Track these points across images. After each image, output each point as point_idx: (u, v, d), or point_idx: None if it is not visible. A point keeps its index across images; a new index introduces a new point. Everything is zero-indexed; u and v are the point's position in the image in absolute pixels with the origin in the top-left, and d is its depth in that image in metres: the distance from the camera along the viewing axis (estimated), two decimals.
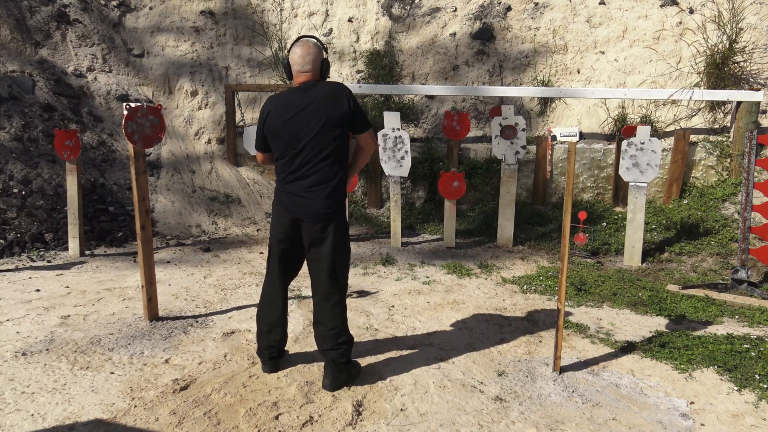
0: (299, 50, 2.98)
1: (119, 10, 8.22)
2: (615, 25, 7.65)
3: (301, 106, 2.94)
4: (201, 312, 4.32)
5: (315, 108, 2.93)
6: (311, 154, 2.96)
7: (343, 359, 3.11)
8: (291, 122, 2.96)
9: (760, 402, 3.17)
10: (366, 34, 8.33)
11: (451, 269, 5.45)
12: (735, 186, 6.35)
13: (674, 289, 4.90)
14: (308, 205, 2.98)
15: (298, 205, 3.00)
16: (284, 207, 3.06)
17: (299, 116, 2.94)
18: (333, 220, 3.01)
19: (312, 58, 2.98)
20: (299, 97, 2.97)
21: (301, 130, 2.94)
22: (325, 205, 2.98)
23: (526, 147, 6.18)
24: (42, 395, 3.06)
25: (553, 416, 2.99)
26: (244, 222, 6.99)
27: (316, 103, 2.94)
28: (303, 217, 3.00)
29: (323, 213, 2.98)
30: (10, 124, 6.34)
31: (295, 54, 2.98)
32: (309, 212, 2.99)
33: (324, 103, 2.93)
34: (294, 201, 3.01)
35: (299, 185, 2.99)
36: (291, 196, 3.01)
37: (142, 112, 3.90)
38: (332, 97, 2.95)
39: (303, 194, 2.99)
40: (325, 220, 3.00)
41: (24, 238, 5.67)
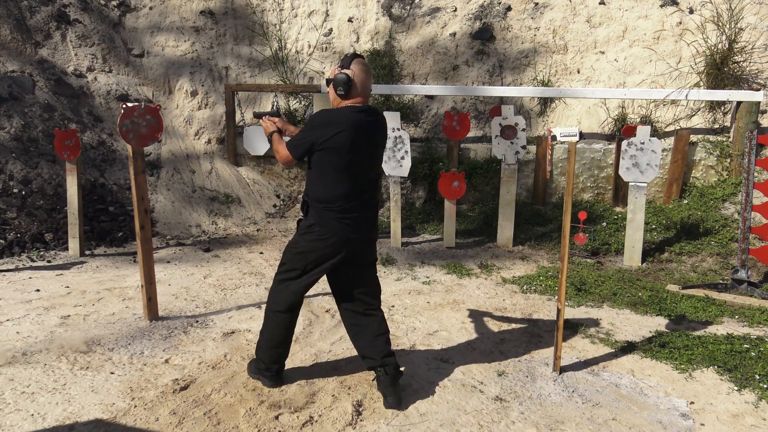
0: (366, 70, 2.96)
1: (119, 10, 8.22)
2: (615, 25, 7.65)
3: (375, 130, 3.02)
4: (201, 312, 4.32)
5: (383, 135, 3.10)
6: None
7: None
8: (369, 145, 2.98)
9: (760, 402, 3.17)
10: (366, 34, 8.33)
11: (451, 269, 5.45)
12: (735, 186, 6.35)
13: (674, 289, 4.90)
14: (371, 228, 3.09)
15: (362, 228, 3.03)
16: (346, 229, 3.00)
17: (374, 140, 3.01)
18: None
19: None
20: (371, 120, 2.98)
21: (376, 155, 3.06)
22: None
23: (526, 147, 6.18)
24: (42, 395, 3.06)
25: (553, 416, 2.99)
26: (244, 222, 6.99)
27: (383, 130, 3.08)
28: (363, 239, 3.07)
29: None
30: (10, 124, 6.34)
31: (364, 74, 2.94)
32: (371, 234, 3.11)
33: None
34: (358, 225, 3.01)
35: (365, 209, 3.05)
36: (356, 219, 3.00)
37: (138, 111, 3.90)
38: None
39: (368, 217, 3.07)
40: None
41: (24, 238, 5.67)
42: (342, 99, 2.94)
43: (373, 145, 3.00)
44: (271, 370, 3.17)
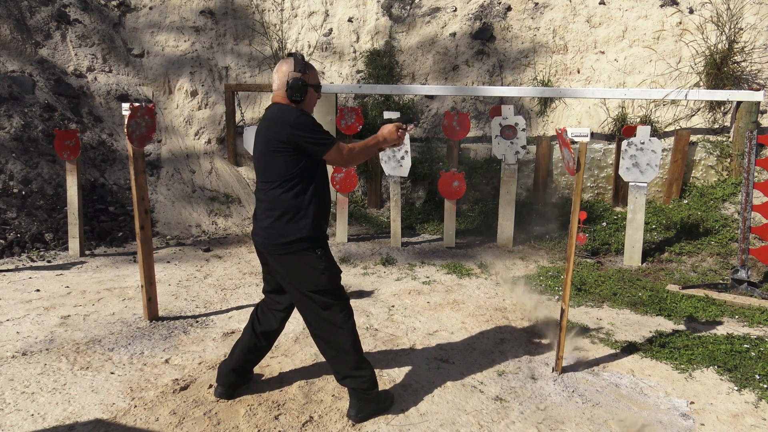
0: (277, 67, 2.81)
1: (119, 10, 8.22)
2: (615, 25, 7.65)
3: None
4: (201, 312, 4.32)
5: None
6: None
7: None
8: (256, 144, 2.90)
9: (760, 402, 3.17)
10: (366, 34, 8.33)
11: (451, 269, 5.45)
12: (735, 186, 6.35)
13: (674, 289, 4.90)
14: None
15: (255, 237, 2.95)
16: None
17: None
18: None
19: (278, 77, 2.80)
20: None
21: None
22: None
23: (526, 147, 6.18)
24: (42, 395, 3.06)
25: (553, 416, 2.99)
26: (244, 222, 6.99)
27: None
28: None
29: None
30: (10, 124, 6.34)
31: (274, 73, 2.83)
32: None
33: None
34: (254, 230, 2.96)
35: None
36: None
37: (141, 111, 3.92)
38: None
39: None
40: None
41: (24, 238, 5.67)
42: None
43: (258, 145, 2.80)
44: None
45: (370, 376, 2.89)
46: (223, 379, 3.06)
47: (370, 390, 2.89)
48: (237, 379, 3.07)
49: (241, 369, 3.05)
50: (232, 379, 3.06)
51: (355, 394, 2.89)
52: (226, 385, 3.06)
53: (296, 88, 2.73)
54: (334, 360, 2.87)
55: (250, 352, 3.04)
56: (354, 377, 2.86)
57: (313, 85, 2.82)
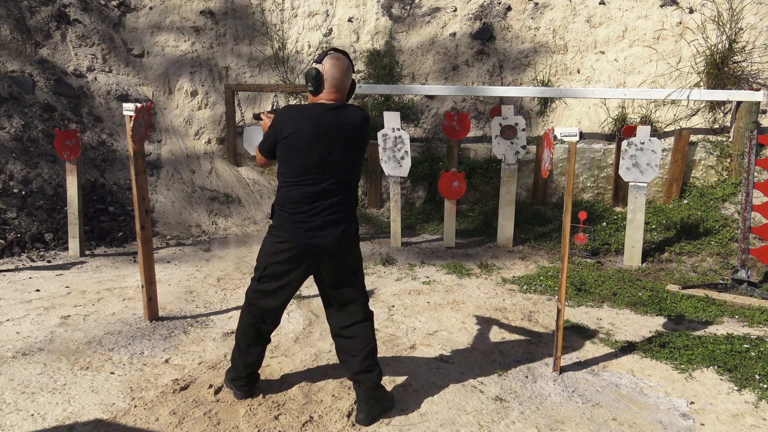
0: (340, 65, 2.72)
1: (119, 10, 8.22)
2: (615, 25, 7.65)
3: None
4: (201, 312, 4.32)
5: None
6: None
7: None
8: (333, 144, 2.72)
9: (760, 402, 3.17)
10: (366, 34, 8.33)
11: (451, 269, 5.45)
12: (735, 186, 6.35)
13: (674, 289, 4.90)
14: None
15: (327, 234, 2.81)
16: (304, 235, 2.88)
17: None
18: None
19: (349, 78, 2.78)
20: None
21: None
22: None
23: (526, 147, 6.18)
24: (42, 395, 3.06)
25: (553, 416, 2.99)
26: (244, 222, 6.99)
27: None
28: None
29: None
30: (10, 124, 6.34)
31: (336, 69, 2.70)
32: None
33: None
34: (322, 230, 2.80)
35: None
36: (321, 224, 2.81)
37: (143, 111, 3.92)
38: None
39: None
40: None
41: (24, 238, 5.67)
42: (312, 95, 2.74)
43: (336, 145, 2.70)
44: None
45: (381, 372, 2.96)
46: (241, 381, 3.06)
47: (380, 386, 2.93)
48: (254, 377, 3.11)
49: (257, 366, 3.08)
50: (251, 379, 3.10)
51: (367, 393, 2.86)
52: (250, 383, 3.09)
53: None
54: (373, 346, 2.91)
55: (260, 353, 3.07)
56: (377, 368, 2.91)
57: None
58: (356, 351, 2.87)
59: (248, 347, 2.99)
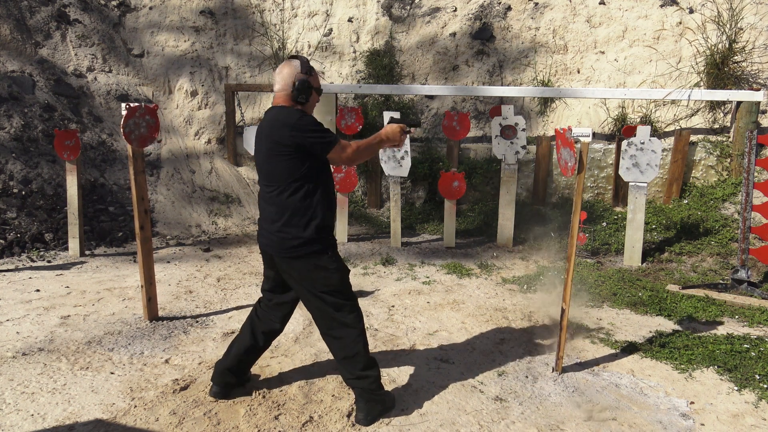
0: (279, 68, 2.81)
1: (119, 10, 8.22)
2: (615, 25, 7.65)
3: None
4: (201, 312, 4.32)
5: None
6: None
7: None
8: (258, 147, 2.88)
9: (760, 402, 3.17)
10: (366, 34, 8.33)
11: (451, 269, 5.45)
12: (735, 186, 6.35)
13: (674, 289, 4.90)
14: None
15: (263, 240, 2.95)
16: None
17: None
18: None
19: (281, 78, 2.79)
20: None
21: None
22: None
23: (526, 147, 6.17)
24: (42, 395, 3.06)
25: (553, 416, 2.99)
26: (244, 222, 6.99)
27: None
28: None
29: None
30: (10, 124, 6.34)
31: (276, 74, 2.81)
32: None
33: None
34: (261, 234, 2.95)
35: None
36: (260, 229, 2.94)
37: (140, 111, 3.91)
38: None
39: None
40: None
41: (24, 238, 5.67)
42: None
43: (259, 146, 2.80)
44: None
45: (378, 377, 2.91)
46: (218, 378, 3.05)
47: (377, 390, 2.91)
48: (232, 379, 3.05)
49: (235, 369, 3.03)
50: (227, 379, 3.04)
51: (363, 396, 2.88)
52: (221, 384, 3.04)
53: (302, 90, 2.74)
54: (345, 361, 2.86)
55: (247, 352, 3.03)
56: (364, 378, 2.86)
57: (316, 88, 2.84)
58: (336, 356, 2.91)
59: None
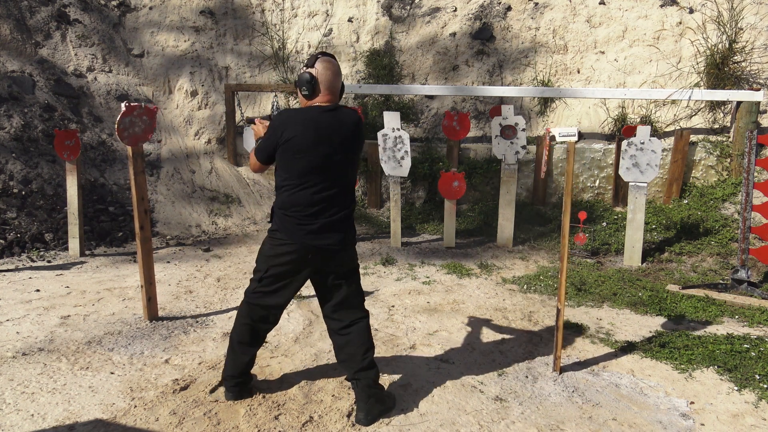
0: (332, 68, 2.77)
1: (119, 10, 8.22)
2: (615, 25, 7.65)
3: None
4: (201, 312, 4.32)
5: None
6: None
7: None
8: (331, 146, 2.76)
9: (760, 402, 3.17)
10: (366, 34, 8.33)
11: (451, 269, 5.45)
12: (735, 186, 6.35)
13: (674, 289, 4.90)
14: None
15: (328, 235, 2.85)
16: (308, 236, 2.86)
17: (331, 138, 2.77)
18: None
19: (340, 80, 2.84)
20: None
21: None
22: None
23: (526, 147, 6.18)
24: (42, 395, 3.06)
25: (553, 416, 2.99)
26: (244, 222, 6.99)
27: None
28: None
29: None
30: (10, 124, 6.34)
31: (329, 71, 2.76)
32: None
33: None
34: (324, 231, 2.83)
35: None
36: (321, 226, 2.83)
37: (138, 111, 3.91)
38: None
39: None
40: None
41: (24, 238, 5.67)
42: (307, 99, 2.78)
43: (336, 146, 2.74)
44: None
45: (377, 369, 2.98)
46: (231, 381, 3.04)
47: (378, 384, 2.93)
48: (247, 378, 3.10)
49: (245, 370, 3.06)
50: (246, 378, 3.09)
51: (366, 391, 2.87)
52: (239, 384, 3.06)
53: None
54: (371, 343, 2.94)
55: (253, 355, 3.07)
56: (375, 366, 2.92)
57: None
58: (356, 349, 2.89)
59: (242, 347, 2.98)
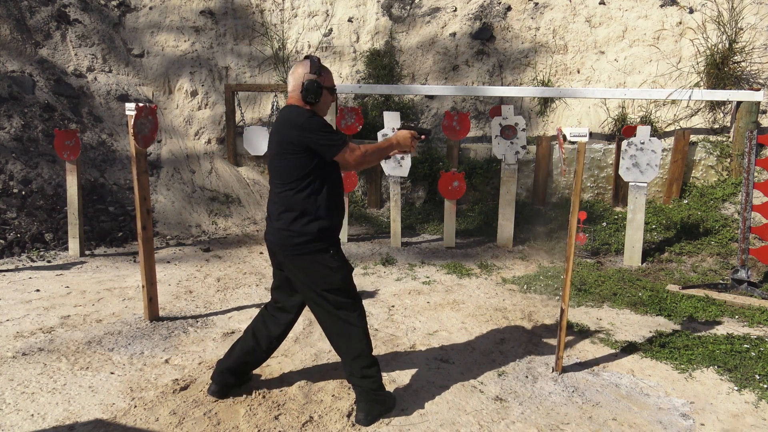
0: (292, 70, 2.85)
1: (119, 10, 8.22)
2: (615, 25, 7.64)
3: None
4: (201, 312, 4.32)
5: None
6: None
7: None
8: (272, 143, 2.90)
9: (760, 402, 3.17)
10: (366, 34, 8.33)
11: (451, 269, 5.45)
12: (735, 186, 6.35)
13: (674, 289, 4.90)
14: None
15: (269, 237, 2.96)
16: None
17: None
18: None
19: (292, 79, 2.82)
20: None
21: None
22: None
23: (526, 147, 6.18)
24: (42, 395, 3.06)
25: (553, 416, 2.99)
26: (244, 222, 6.99)
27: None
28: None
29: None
30: (10, 124, 6.34)
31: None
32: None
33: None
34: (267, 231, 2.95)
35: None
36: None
37: (145, 112, 3.92)
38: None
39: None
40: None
41: (24, 238, 5.67)
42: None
43: (272, 146, 2.82)
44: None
45: (379, 376, 2.92)
46: (218, 377, 3.05)
47: (379, 390, 2.91)
48: (232, 379, 3.06)
49: (236, 370, 3.04)
50: (227, 379, 3.05)
51: (364, 396, 2.88)
52: (221, 383, 3.05)
53: (311, 90, 2.75)
54: (349, 360, 2.87)
55: (248, 354, 3.03)
56: (367, 377, 2.87)
57: (328, 88, 2.83)
58: (341, 355, 2.91)
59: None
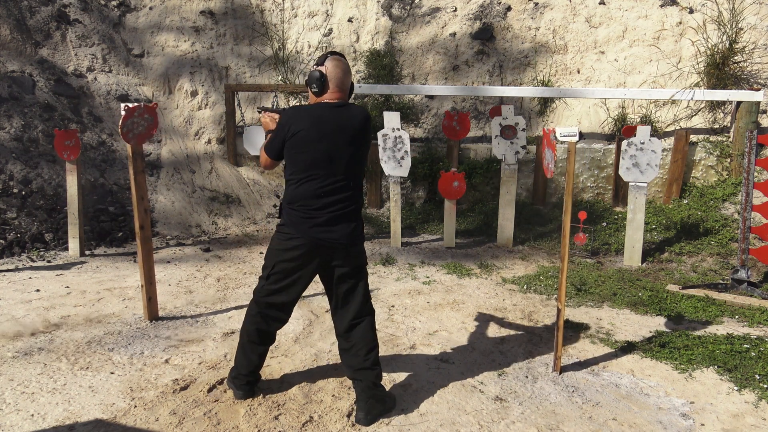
0: (341, 66, 2.84)
1: (119, 10, 8.22)
2: (615, 25, 7.65)
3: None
4: (201, 312, 4.32)
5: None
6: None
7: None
8: (340, 141, 2.81)
9: (760, 402, 3.17)
10: (366, 34, 8.33)
11: (451, 269, 5.45)
12: (735, 186, 6.35)
13: (674, 289, 4.90)
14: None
15: (336, 229, 2.86)
16: (315, 230, 2.86)
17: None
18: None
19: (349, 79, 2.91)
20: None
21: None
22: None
23: (526, 147, 6.18)
24: (42, 395, 3.06)
25: (553, 416, 2.99)
26: (244, 222, 6.99)
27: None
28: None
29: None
30: (10, 124, 6.34)
31: (338, 69, 2.82)
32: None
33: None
34: (331, 225, 2.84)
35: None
36: (328, 220, 2.84)
37: (138, 111, 3.91)
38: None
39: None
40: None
41: (24, 238, 5.67)
42: (316, 96, 2.85)
43: (341, 141, 2.80)
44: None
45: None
46: (242, 380, 3.07)
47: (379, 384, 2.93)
48: (255, 377, 3.13)
49: (259, 366, 3.10)
50: (256, 377, 3.12)
51: (367, 391, 2.87)
52: (249, 383, 3.10)
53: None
54: (375, 343, 2.94)
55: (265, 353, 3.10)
56: (378, 366, 2.92)
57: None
58: (360, 347, 2.90)
59: (252, 346, 3.01)
